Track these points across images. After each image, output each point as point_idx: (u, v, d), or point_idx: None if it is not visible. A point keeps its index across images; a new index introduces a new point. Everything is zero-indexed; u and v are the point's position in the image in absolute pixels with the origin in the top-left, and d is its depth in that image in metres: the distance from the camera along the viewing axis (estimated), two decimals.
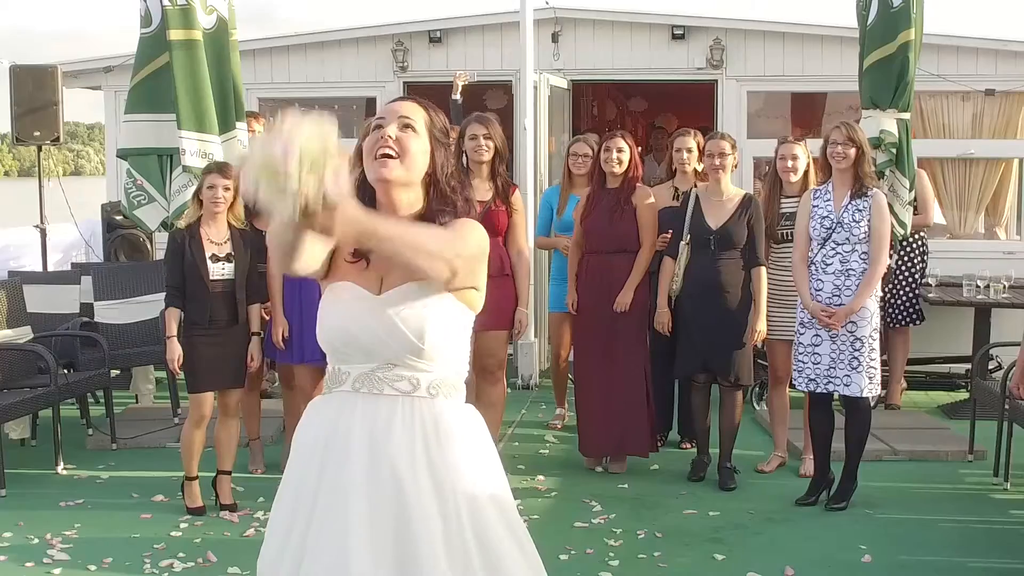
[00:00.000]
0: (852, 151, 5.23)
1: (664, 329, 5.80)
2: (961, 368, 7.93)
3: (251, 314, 5.27)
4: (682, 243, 5.74)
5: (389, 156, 2.37)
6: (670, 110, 12.48)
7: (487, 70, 8.81)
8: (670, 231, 5.91)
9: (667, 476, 5.91)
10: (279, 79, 9.25)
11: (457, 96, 8.05)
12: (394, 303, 2.34)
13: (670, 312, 5.82)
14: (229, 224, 5.23)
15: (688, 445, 6.38)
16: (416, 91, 9.17)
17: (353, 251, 2.41)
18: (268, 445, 6.17)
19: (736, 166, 5.92)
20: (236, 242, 5.20)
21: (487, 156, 5.52)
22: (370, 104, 9.27)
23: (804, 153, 5.85)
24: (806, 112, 10.16)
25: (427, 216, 2.42)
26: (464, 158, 5.45)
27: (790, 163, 5.82)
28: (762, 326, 5.63)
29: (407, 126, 2.41)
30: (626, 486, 5.69)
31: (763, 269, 5.67)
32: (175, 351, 5.13)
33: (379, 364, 2.36)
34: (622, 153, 5.81)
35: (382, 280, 2.38)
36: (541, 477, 5.82)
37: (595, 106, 13.07)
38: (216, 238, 5.18)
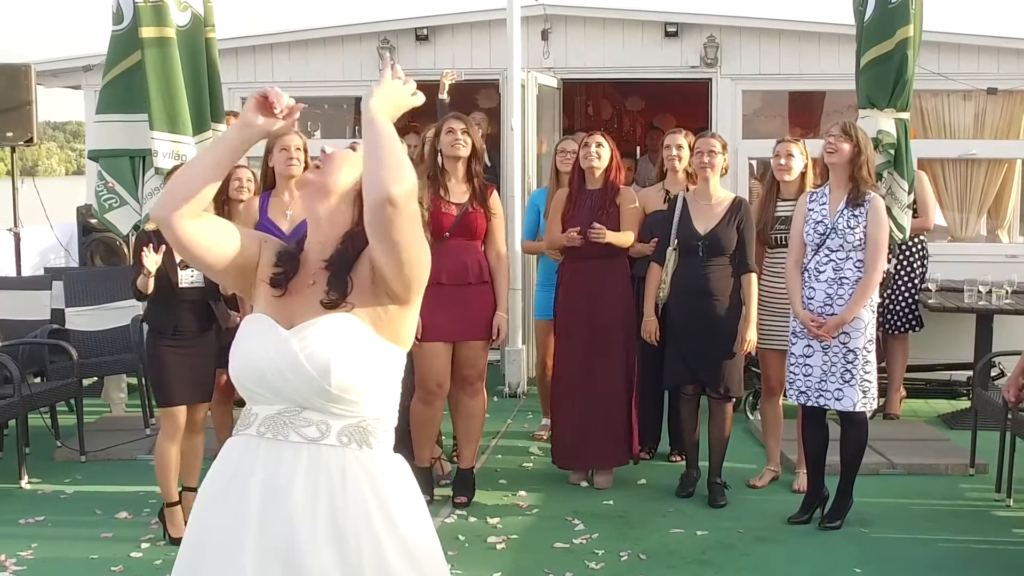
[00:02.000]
0: (846, 145, 4.98)
1: (651, 338, 5.56)
2: (962, 375, 7.70)
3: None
4: (669, 249, 5.51)
5: (317, 166, 2.29)
6: (668, 110, 12.23)
7: (476, 68, 8.57)
8: (656, 237, 5.68)
9: (654, 491, 5.67)
10: (262, 78, 9.00)
11: (444, 95, 7.81)
12: (301, 337, 2.14)
13: (658, 320, 5.59)
14: None
15: (678, 458, 6.14)
16: None
17: (271, 279, 2.23)
18: None
19: (727, 169, 5.68)
20: None
21: (464, 151, 5.25)
22: (356, 104, 9.04)
23: (801, 153, 5.60)
24: (804, 112, 9.92)
25: (355, 234, 2.22)
26: (439, 158, 5.21)
27: (783, 161, 5.58)
28: (752, 335, 5.39)
29: (352, 146, 2.34)
30: (611, 502, 5.45)
31: (754, 275, 5.43)
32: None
33: (288, 406, 2.15)
34: (601, 148, 5.57)
35: (296, 315, 2.20)
36: (523, 492, 5.58)
37: (590, 106, 12.83)
38: None
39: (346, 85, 8.98)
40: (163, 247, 4.66)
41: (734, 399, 5.55)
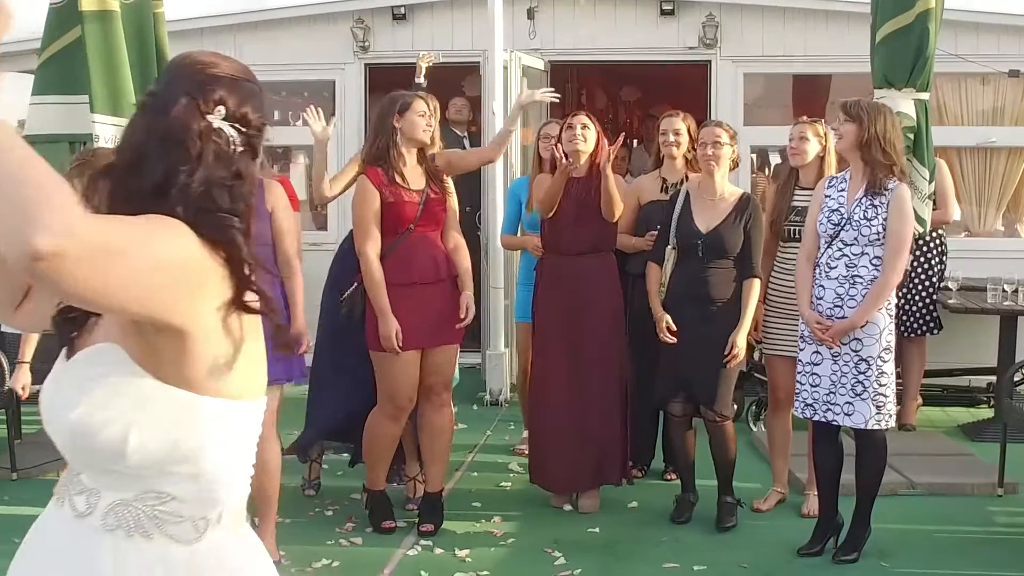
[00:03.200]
0: (850, 126, 4.36)
1: (666, 334, 4.82)
2: (982, 381, 7.12)
3: None
4: (668, 248, 4.89)
5: None
6: (665, 100, 11.58)
7: (457, 50, 7.97)
8: (655, 231, 5.11)
9: (647, 516, 5.05)
10: None
11: (421, 79, 7.22)
12: (68, 375, 1.56)
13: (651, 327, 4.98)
14: None
15: (673, 476, 5.53)
16: (378, 73, 8.40)
17: None
18: None
19: (737, 162, 5.07)
20: None
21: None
22: (329, 88, 8.44)
23: (817, 136, 4.97)
24: (809, 98, 9.30)
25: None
26: (397, 137, 4.58)
27: (795, 145, 4.97)
28: (741, 342, 4.76)
29: None
30: (597, 530, 4.84)
31: (757, 282, 4.81)
32: (21, 379, 4.29)
33: (73, 463, 1.60)
34: (586, 130, 4.96)
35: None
36: (498, 518, 4.96)
37: (584, 95, 12.20)
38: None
39: (317, 68, 8.38)
40: None
41: (728, 419, 4.91)
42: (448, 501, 4.98)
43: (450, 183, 4.80)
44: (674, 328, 4.79)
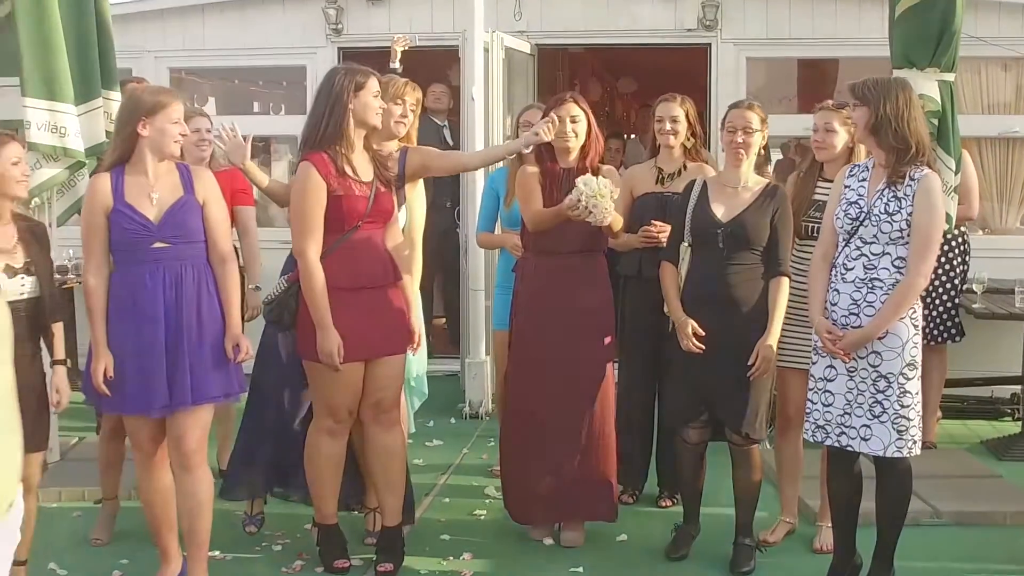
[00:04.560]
0: (860, 111, 3.80)
1: (692, 340, 4.15)
2: (1005, 391, 6.56)
3: (54, 336, 3.80)
4: (683, 245, 4.30)
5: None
6: (665, 90, 11.01)
7: (437, 33, 7.42)
8: (654, 222, 4.65)
9: (638, 551, 4.46)
10: (192, 45, 7.86)
11: (396, 64, 6.68)
12: None
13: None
14: (17, 218, 3.76)
15: (669, 502, 4.97)
16: (353, 58, 7.83)
17: None
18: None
19: (766, 147, 4.49)
20: (29, 244, 3.72)
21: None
22: (300, 74, 7.88)
23: (844, 123, 4.34)
24: (816, 83, 8.75)
25: None
26: (348, 121, 3.98)
27: (820, 136, 4.38)
28: (771, 341, 4.15)
29: None
30: (581, 569, 4.25)
31: (786, 280, 4.21)
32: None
33: None
34: (576, 124, 4.42)
35: None
36: (468, 555, 4.37)
37: (578, 85, 11.64)
38: (3, 243, 3.70)
39: (288, 53, 7.82)
40: None
41: (757, 441, 4.34)
42: (413, 533, 4.41)
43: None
44: (702, 333, 4.18)
